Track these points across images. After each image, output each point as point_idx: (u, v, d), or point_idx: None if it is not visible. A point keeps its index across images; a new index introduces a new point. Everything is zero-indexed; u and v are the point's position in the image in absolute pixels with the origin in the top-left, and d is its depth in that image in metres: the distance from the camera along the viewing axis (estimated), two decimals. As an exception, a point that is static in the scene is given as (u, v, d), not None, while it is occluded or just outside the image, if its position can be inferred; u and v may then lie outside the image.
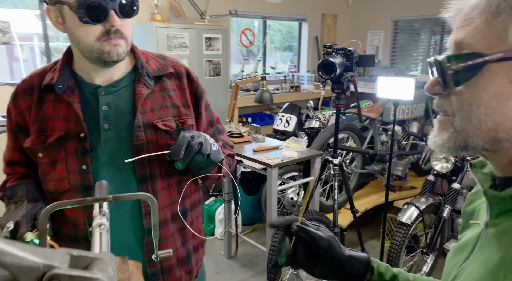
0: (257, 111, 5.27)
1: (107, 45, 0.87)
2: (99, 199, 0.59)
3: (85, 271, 0.40)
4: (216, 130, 1.14)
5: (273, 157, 2.27)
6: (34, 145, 0.95)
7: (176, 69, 1.04)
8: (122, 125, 0.95)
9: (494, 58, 0.45)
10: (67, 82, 0.94)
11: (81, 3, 0.82)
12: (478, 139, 0.48)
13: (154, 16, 3.75)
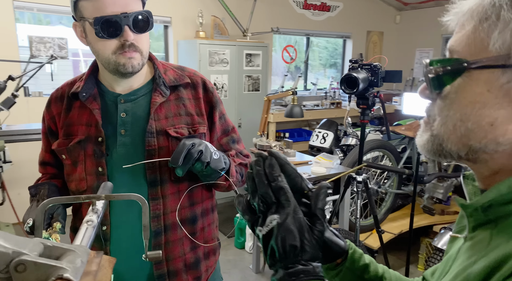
0: (296, 127, 5.27)
1: (122, 58, 0.94)
2: (91, 197, 0.64)
3: (51, 260, 0.44)
4: (230, 139, 1.17)
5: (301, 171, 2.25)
6: (60, 147, 1.04)
7: (192, 80, 1.09)
8: (137, 131, 1.01)
9: (474, 65, 0.45)
10: (91, 91, 1.03)
11: (97, 19, 0.90)
12: (452, 145, 0.48)
13: (198, 33, 3.93)
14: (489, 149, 0.46)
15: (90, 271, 0.48)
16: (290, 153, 2.60)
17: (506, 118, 0.44)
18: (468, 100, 0.46)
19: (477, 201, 0.48)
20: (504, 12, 0.43)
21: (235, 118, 4.08)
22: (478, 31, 0.45)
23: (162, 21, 4.12)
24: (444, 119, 0.48)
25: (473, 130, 0.46)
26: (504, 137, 0.44)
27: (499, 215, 0.46)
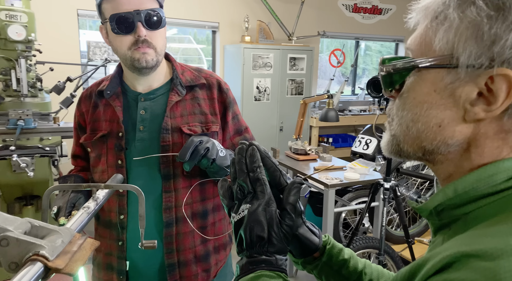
0: (341, 132, 5.16)
1: (137, 53, 1.01)
2: (92, 185, 0.70)
3: (31, 238, 0.50)
4: (243, 139, 1.21)
5: (333, 177, 2.22)
6: (86, 140, 1.14)
7: (208, 81, 1.15)
8: (154, 127, 1.08)
9: (421, 65, 0.44)
10: (115, 89, 1.11)
11: (112, 16, 0.99)
12: (408, 146, 0.48)
13: (244, 38, 4.01)
14: (441, 150, 0.45)
15: (69, 251, 0.53)
16: (325, 158, 2.56)
17: (452, 120, 0.43)
18: (417, 100, 0.45)
19: (425, 204, 0.47)
20: (451, 10, 0.42)
21: (276, 121, 4.10)
22: (428, 30, 0.44)
23: (210, 27, 4.27)
24: (400, 120, 0.48)
25: (423, 132, 0.45)
26: (453, 139, 0.43)
27: (451, 219, 0.45)
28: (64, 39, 3.58)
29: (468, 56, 0.40)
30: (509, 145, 0.42)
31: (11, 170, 2.33)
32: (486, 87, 0.40)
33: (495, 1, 0.40)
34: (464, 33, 0.41)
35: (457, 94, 0.42)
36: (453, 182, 0.44)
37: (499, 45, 0.39)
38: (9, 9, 2.40)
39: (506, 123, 0.41)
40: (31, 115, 2.42)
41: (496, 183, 0.41)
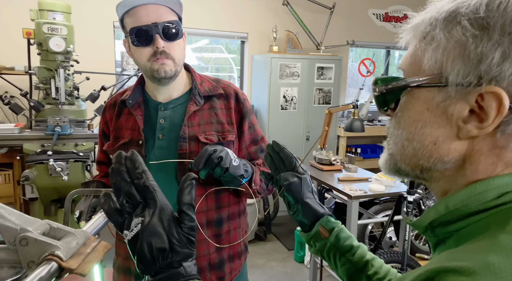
0: (371, 142, 5.06)
1: (156, 64, 1.05)
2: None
3: (48, 238, 0.54)
4: (259, 148, 1.23)
5: (357, 188, 2.19)
6: (108, 148, 1.20)
7: (226, 91, 1.18)
8: (173, 136, 1.12)
9: (412, 84, 0.45)
10: (137, 99, 1.16)
11: (132, 29, 1.04)
12: (404, 164, 0.48)
13: (272, 48, 4.06)
14: (438, 167, 0.45)
15: (83, 252, 0.56)
16: (351, 168, 2.53)
17: (447, 137, 0.43)
18: (411, 119, 0.46)
19: (419, 220, 0.47)
20: (438, 31, 0.43)
21: (303, 131, 4.09)
22: (417, 50, 0.45)
23: (239, 37, 4.35)
24: (396, 139, 0.48)
25: (419, 150, 0.46)
26: (448, 156, 0.44)
27: (446, 235, 0.45)
28: (100, 50, 3.76)
29: (456, 75, 0.41)
30: (503, 161, 0.42)
31: (48, 174, 2.46)
32: (477, 104, 0.41)
33: (479, 21, 0.40)
34: (451, 52, 0.42)
35: (449, 112, 0.43)
36: (445, 198, 0.44)
37: (486, 63, 0.39)
38: (51, 22, 2.57)
39: (500, 139, 0.41)
40: (67, 122, 2.56)
41: (486, 200, 0.41)
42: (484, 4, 0.40)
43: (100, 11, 3.64)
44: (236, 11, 4.18)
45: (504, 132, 0.41)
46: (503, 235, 0.37)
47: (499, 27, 0.39)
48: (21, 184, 2.59)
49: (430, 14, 0.45)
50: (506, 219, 0.39)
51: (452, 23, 0.42)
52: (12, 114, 3.24)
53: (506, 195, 0.41)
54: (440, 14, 0.43)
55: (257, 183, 1.13)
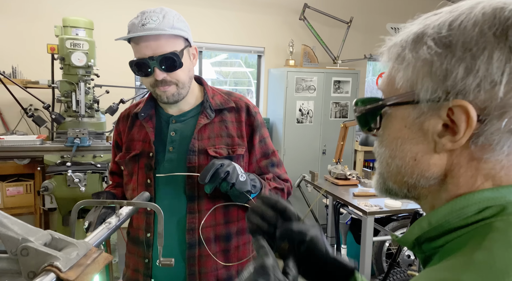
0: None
1: (158, 91, 1.08)
2: (116, 202, 0.75)
3: (48, 249, 0.54)
4: (269, 162, 1.21)
5: (373, 204, 2.14)
6: (120, 159, 1.21)
7: (237, 104, 1.18)
8: (183, 149, 1.13)
9: (388, 103, 0.47)
10: (149, 111, 1.18)
11: (131, 62, 1.06)
12: (392, 182, 0.49)
13: (288, 61, 4.08)
14: (422, 184, 0.46)
15: (83, 264, 0.57)
16: (367, 183, 2.48)
17: (425, 153, 0.45)
18: (392, 136, 0.47)
19: (404, 237, 0.47)
20: (407, 51, 0.46)
21: (319, 144, 4.05)
22: (392, 70, 0.48)
23: (256, 51, 4.40)
24: (381, 157, 0.50)
25: (401, 167, 0.47)
26: (429, 171, 0.45)
27: (431, 251, 0.45)
28: (120, 64, 3.86)
29: (426, 91, 0.43)
30: (482, 174, 0.43)
31: (66, 185, 2.52)
32: (449, 118, 0.42)
33: (443, 40, 0.43)
34: (420, 70, 0.44)
35: (425, 128, 0.44)
36: (427, 214, 0.45)
37: (451, 78, 0.41)
38: (74, 38, 2.67)
39: (474, 151, 0.42)
40: (86, 134, 2.63)
41: (466, 216, 0.42)
42: (447, 24, 0.43)
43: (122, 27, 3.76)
44: (253, 26, 4.23)
45: (476, 144, 0.42)
46: (478, 251, 0.37)
47: (461, 44, 0.41)
48: (40, 194, 2.66)
49: (401, 36, 0.48)
50: (483, 235, 0.39)
51: (419, 43, 0.45)
52: (35, 127, 3.35)
53: (486, 210, 0.41)
54: (409, 37, 0.46)
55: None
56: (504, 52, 0.39)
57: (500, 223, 0.39)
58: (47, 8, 3.56)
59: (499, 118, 0.40)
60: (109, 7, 3.72)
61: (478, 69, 0.40)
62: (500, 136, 0.40)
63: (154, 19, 1.02)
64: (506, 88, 0.39)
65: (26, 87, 2.96)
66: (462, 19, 0.42)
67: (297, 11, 4.12)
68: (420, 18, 0.48)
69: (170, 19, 1.04)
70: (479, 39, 0.40)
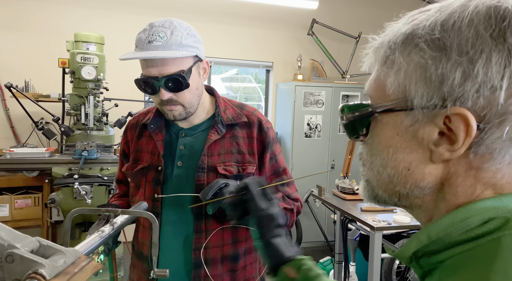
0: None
1: (165, 109, 1.04)
2: (110, 210, 0.73)
3: (34, 256, 0.53)
4: (280, 180, 1.15)
5: (381, 219, 2.08)
6: (127, 170, 1.17)
7: (249, 119, 1.13)
8: (192, 164, 1.08)
9: (378, 110, 0.44)
10: (158, 123, 1.14)
11: (136, 80, 1.03)
12: (382, 191, 0.46)
13: (296, 76, 4.09)
14: (416, 194, 0.43)
15: (70, 272, 0.55)
16: (375, 198, 2.43)
17: (420, 162, 0.42)
18: (383, 145, 0.45)
19: (401, 251, 0.43)
20: (397, 54, 0.43)
21: (327, 159, 4.01)
22: (380, 74, 0.44)
23: (265, 66, 4.42)
24: (371, 165, 0.47)
25: (394, 176, 0.44)
26: (424, 181, 0.42)
27: (431, 267, 0.41)
28: (129, 78, 3.92)
29: (420, 98, 0.40)
30: (481, 183, 0.40)
31: (73, 197, 2.52)
32: (445, 126, 0.40)
33: (436, 42, 0.40)
34: (413, 75, 0.41)
35: (419, 136, 0.41)
36: (426, 227, 0.41)
37: (448, 84, 0.39)
38: (84, 52, 2.72)
39: (474, 160, 0.40)
40: (94, 147, 2.65)
41: (469, 228, 0.39)
42: (439, 24, 0.40)
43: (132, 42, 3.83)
44: (262, 41, 4.28)
45: (476, 154, 0.39)
46: (493, 275, 0.34)
47: (456, 47, 0.38)
48: (48, 206, 2.67)
49: (388, 37, 0.44)
50: (493, 254, 0.36)
51: (410, 45, 0.42)
52: (45, 140, 3.40)
53: (490, 222, 0.38)
54: (398, 37, 0.43)
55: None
56: (503, 55, 0.37)
57: (508, 238, 0.36)
58: (59, 24, 3.66)
59: (499, 125, 0.37)
60: (120, 22, 3.81)
61: (477, 74, 0.37)
62: (502, 144, 0.38)
63: (161, 36, 0.98)
64: (506, 94, 0.37)
65: (37, 100, 3.02)
66: (455, 19, 0.39)
67: (305, 27, 4.16)
68: (405, 17, 0.45)
69: (179, 36, 0.99)
70: (475, 41, 0.38)
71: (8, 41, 3.55)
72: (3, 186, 3.26)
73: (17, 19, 3.57)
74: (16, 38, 3.58)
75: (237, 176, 1.07)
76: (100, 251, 0.99)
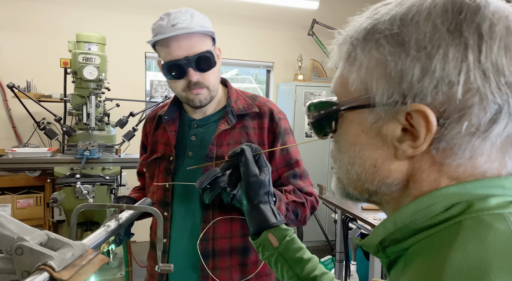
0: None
1: (190, 94, 1.04)
2: (115, 206, 0.75)
3: (43, 248, 0.54)
4: (292, 173, 1.12)
5: (381, 217, 2.09)
6: (143, 161, 1.19)
7: (261, 109, 1.12)
8: (202, 155, 1.08)
9: (342, 107, 0.44)
10: (172, 114, 1.15)
11: (164, 65, 1.03)
12: (352, 188, 0.47)
13: (297, 76, 4.10)
14: (383, 190, 0.43)
15: (78, 264, 0.56)
16: (376, 197, 2.44)
17: (386, 159, 0.42)
18: (349, 142, 0.45)
19: (367, 240, 0.44)
20: (358, 51, 0.42)
21: (328, 158, 4.03)
22: (344, 71, 0.44)
23: (265, 66, 4.44)
24: (340, 163, 0.47)
25: (361, 174, 0.44)
26: (390, 178, 0.42)
27: (396, 255, 0.42)
28: (131, 78, 3.94)
29: (381, 95, 0.40)
30: (446, 176, 0.40)
31: (75, 196, 2.53)
32: (408, 122, 0.39)
33: (395, 37, 0.39)
34: (374, 72, 0.41)
35: (383, 133, 0.41)
36: (392, 214, 0.42)
37: (407, 80, 0.38)
38: (86, 52, 2.73)
39: (436, 156, 0.40)
40: (96, 146, 2.66)
41: (433, 214, 0.39)
42: (398, 18, 0.40)
43: (133, 42, 3.85)
44: (262, 42, 4.29)
45: (438, 149, 0.39)
46: (452, 253, 0.34)
47: (414, 42, 0.38)
48: (50, 206, 2.68)
49: (351, 32, 0.44)
50: (453, 235, 0.36)
51: (371, 41, 0.41)
52: (47, 140, 3.42)
53: (453, 207, 0.38)
54: (359, 33, 0.43)
55: (282, 212, 1.01)
56: (459, 50, 0.36)
57: (469, 221, 0.37)
58: (61, 24, 3.67)
59: (458, 120, 0.37)
60: (122, 23, 3.82)
61: (435, 69, 0.37)
62: (461, 140, 0.38)
63: (183, 19, 1.00)
64: (464, 89, 0.36)
65: (39, 101, 3.03)
66: (414, 12, 0.39)
67: (306, 27, 4.17)
68: (369, 10, 0.44)
69: (199, 19, 1.03)
70: (433, 36, 0.37)
71: (10, 41, 3.57)
72: (5, 186, 3.27)
73: (19, 20, 3.59)
74: (18, 38, 3.59)
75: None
76: (111, 241, 0.99)
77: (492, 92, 0.36)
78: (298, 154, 1.15)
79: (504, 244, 0.34)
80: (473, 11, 0.37)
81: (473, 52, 0.36)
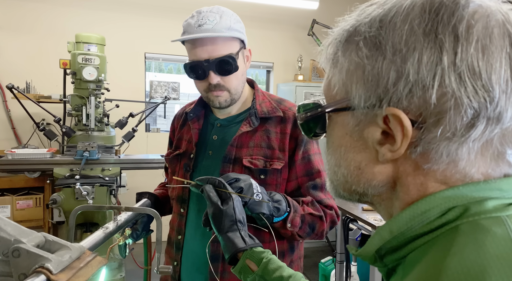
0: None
1: (211, 95, 1.05)
2: (114, 207, 0.74)
3: (40, 251, 0.54)
4: (312, 184, 1.07)
5: (382, 218, 2.08)
6: (166, 156, 1.21)
7: (285, 114, 1.09)
8: (220, 155, 1.07)
9: (327, 109, 0.44)
10: (197, 112, 1.16)
11: (186, 65, 1.04)
12: (342, 190, 0.46)
13: (297, 76, 4.10)
14: (371, 192, 0.43)
15: (75, 267, 0.56)
16: (376, 198, 2.43)
17: (369, 161, 0.42)
18: (336, 144, 0.45)
19: (364, 249, 0.42)
20: (340, 54, 0.42)
21: (329, 159, 4.03)
22: (329, 73, 0.44)
23: (265, 67, 4.44)
24: (329, 164, 0.47)
25: (347, 175, 0.44)
26: (374, 180, 0.42)
27: (394, 263, 0.41)
28: (131, 79, 3.94)
29: (360, 98, 0.40)
30: (432, 180, 0.39)
31: (74, 197, 2.53)
32: (387, 126, 0.39)
33: (373, 40, 0.39)
34: (353, 75, 0.40)
35: (365, 136, 0.41)
36: (387, 222, 0.41)
37: (383, 84, 0.38)
38: (85, 53, 2.73)
39: (418, 159, 0.39)
40: (96, 147, 2.65)
41: (430, 220, 0.38)
42: (378, 20, 0.39)
43: (133, 43, 3.85)
44: (262, 42, 4.29)
45: (415, 153, 0.38)
46: (449, 258, 0.33)
47: (391, 45, 0.37)
48: (49, 207, 2.67)
49: (336, 33, 0.44)
50: (450, 240, 0.35)
51: (351, 44, 0.41)
52: (47, 141, 3.41)
53: (449, 212, 0.37)
54: (342, 35, 0.43)
55: (296, 224, 0.99)
56: (434, 53, 0.35)
57: (466, 225, 0.36)
58: (60, 25, 3.67)
59: (436, 125, 0.36)
60: (121, 24, 3.82)
61: (409, 73, 0.36)
62: (438, 144, 0.37)
63: (211, 20, 0.99)
64: (438, 93, 0.35)
65: (39, 101, 3.02)
66: (392, 14, 0.38)
67: (306, 27, 4.17)
68: (357, 10, 0.43)
69: (228, 20, 1.01)
70: (408, 39, 0.36)
71: (9, 42, 3.56)
72: (4, 187, 3.27)
73: (19, 20, 3.59)
74: (17, 39, 3.59)
75: (262, 170, 1.04)
76: (128, 235, 0.98)
77: (468, 96, 0.35)
78: (321, 164, 1.10)
79: (502, 248, 0.33)
80: (451, 12, 0.36)
81: (448, 55, 0.35)
